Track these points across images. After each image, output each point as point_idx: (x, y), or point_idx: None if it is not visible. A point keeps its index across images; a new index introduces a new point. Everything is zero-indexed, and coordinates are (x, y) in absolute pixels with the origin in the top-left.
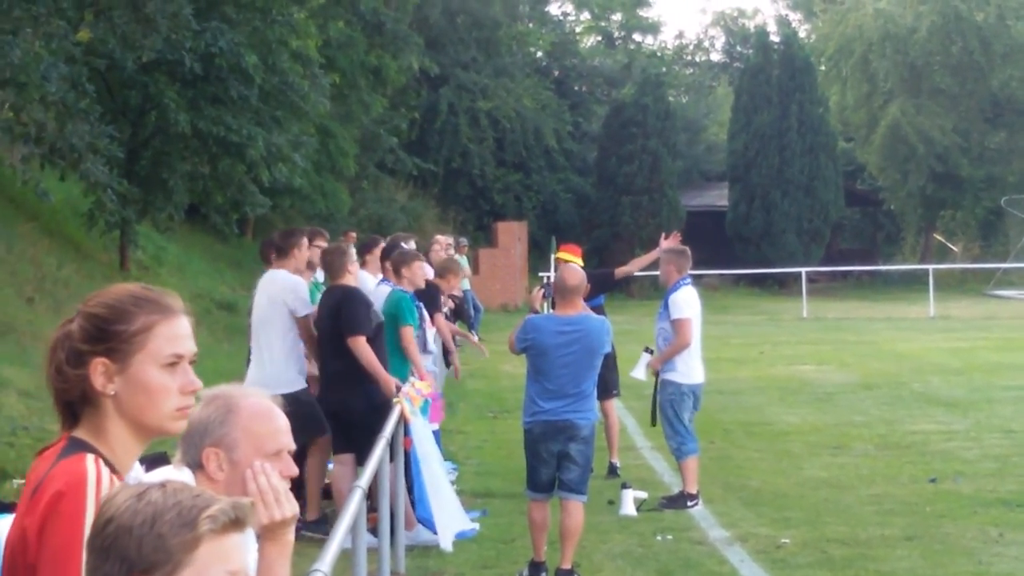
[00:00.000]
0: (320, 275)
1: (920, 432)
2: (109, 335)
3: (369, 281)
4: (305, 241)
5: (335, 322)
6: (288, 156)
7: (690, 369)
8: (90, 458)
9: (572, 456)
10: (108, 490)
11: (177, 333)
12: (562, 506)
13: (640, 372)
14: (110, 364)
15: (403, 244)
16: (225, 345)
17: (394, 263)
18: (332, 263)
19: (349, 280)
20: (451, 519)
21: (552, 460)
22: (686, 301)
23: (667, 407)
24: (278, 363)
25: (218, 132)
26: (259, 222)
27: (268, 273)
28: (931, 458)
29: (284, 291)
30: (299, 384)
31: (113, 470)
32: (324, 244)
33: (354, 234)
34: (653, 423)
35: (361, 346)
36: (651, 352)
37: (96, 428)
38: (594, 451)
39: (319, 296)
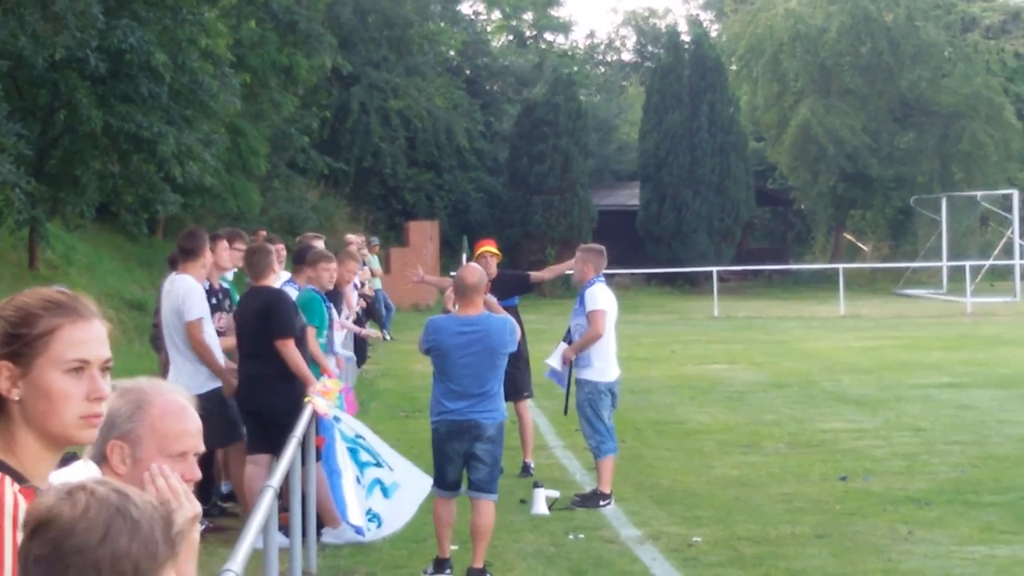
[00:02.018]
0: (230, 275)
1: (830, 431)
2: (13, 338)
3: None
4: (208, 243)
5: (262, 323)
6: (199, 154)
7: (606, 366)
8: None
9: (479, 456)
10: (11, 505)
11: (84, 338)
12: (472, 505)
13: (555, 360)
14: (14, 368)
15: (313, 244)
16: (136, 345)
17: (307, 263)
18: (256, 264)
19: (272, 281)
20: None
21: (458, 459)
22: (601, 294)
23: (585, 406)
24: (187, 366)
25: (128, 128)
26: (170, 222)
27: (170, 278)
28: (841, 456)
29: (178, 298)
30: (209, 386)
31: (21, 480)
32: (243, 246)
33: (264, 232)
34: (566, 412)
35: (290, 349)
36: (570, 343)
37: (6, 436)
38: (503, 450)
39: (239, 296)
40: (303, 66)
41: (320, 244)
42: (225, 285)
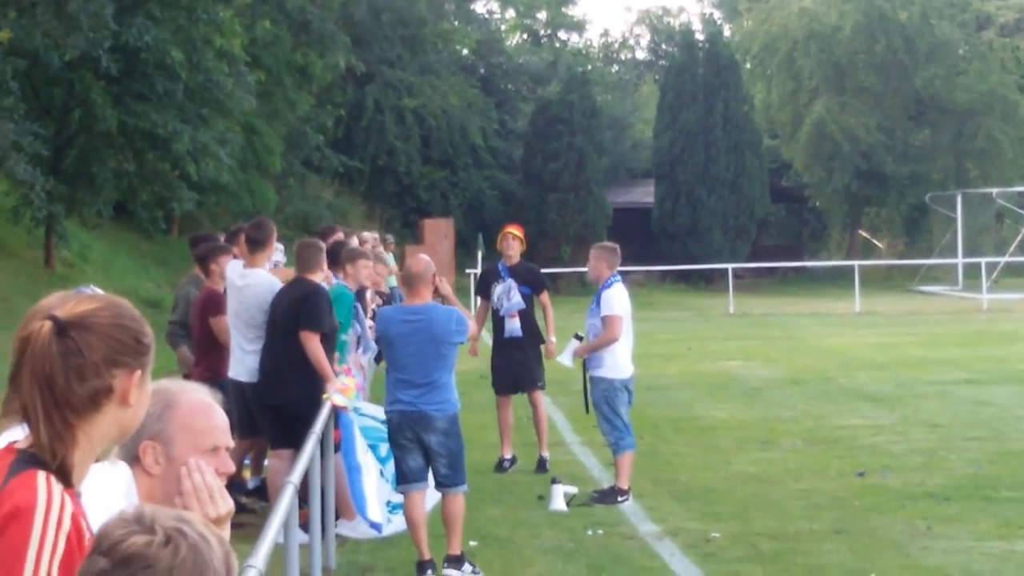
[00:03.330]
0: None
1: (847, 427)
2: (146, 348)
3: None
4: (275, 234)
5: (293, 314)
6: (214, 152)
7: (619, 364)
8: (41, 476)
9: (435, 449)
10: (60, 509)
11: None
12: (442, 498)
13: (567, 358)
14: (143, 377)
15: (343, 238)
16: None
17: (341, 259)
18: (307, 257)
19: (319, 277)
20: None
21: (415, 447)
22: (618, 298)
23: (602, 403)
24: (250, 357)
25: (144, 127)
26: (185, 219)
27: (249, 271)
28: (858, 452)
29: (262, 292)
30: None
31: (68, 483)
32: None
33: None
34: (587, 410)
35: (314, 343)
36: (580, 339)
37: (64, 438)
38: (462, 442)
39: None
40: (318, 65)
41: (353, 241)
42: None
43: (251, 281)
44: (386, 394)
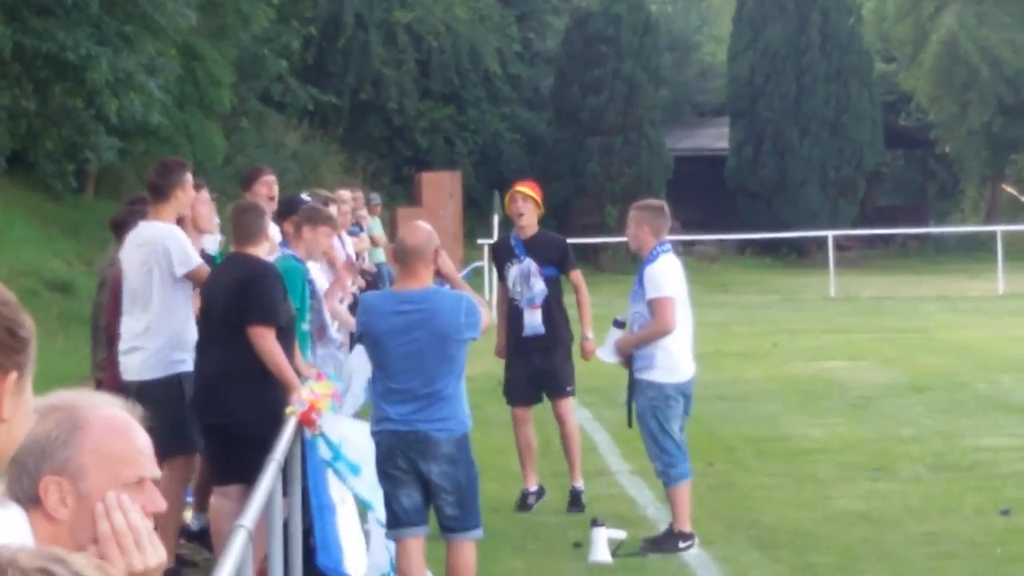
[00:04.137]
0: (210, 241)
1: (987, 448)
2: (22, 341)
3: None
4: (190, 178)
5: (236, 304)
6: (141, 84)
7: (675, 363)
8: None
9: (437, 482)
10: None
11: None
12: (447, 547)
13: (608, 352)
14: (19, 381)
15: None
16: (60, 339)
17: (297, 218)
18: (246, 224)
19: (262, 250)
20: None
21: (411, 480)
22: (666, 273)
23: (648, 416)
24: (151, 341)
25: (48, 50)
26: (103, 174)
27: (138, 227)
28: (1002, 483)
29: (155, 250)
30: (174, 370)
31: None
32: (204, 195)
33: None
34: (629, 423)
35: (268, 340)
36: (622, 324)
37: None
38: (474, 471)
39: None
40: None
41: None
42: (209, 253)
43: (139, 238)
44: (372, 410)
